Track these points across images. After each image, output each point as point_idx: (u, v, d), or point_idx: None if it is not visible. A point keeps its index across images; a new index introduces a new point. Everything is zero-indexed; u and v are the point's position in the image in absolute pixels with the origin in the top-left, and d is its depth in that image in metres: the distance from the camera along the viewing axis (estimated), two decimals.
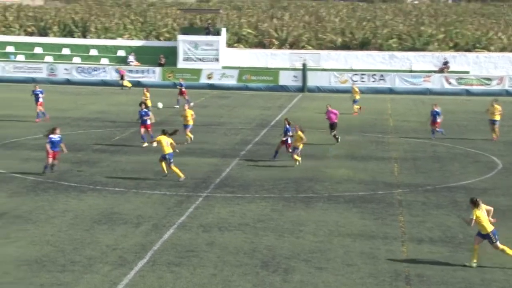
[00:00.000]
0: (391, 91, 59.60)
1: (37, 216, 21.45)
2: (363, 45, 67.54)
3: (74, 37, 70.86)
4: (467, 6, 77.78)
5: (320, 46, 67.77)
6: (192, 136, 34.65)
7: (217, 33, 64.84)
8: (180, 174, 26.35)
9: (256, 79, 61.55)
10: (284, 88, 60.58)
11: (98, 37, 70.95)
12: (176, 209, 22.61)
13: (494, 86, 58.89)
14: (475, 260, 17.76)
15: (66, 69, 62.82)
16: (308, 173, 28.41)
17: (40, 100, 40.75)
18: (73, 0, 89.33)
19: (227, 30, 67.88)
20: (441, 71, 61.23)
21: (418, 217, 22.39)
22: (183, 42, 63.83)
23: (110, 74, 62.14)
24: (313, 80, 60.39)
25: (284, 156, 30.81)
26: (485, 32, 68.16)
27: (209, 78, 61.84)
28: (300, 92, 59.63)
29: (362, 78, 60.45)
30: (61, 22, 73.54)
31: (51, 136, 26.84)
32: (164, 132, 26.89)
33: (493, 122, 36.99)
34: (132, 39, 70.31)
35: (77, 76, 62.43)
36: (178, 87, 50.86)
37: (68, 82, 61.97)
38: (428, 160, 31.52)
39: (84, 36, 71.34)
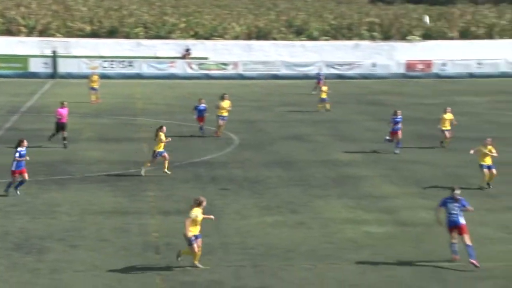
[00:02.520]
0: (139, 76, 61.53)
1: None
2: (112, 33, 68.61)
3: None
4: None
5: (70, 34, 67.75)
6: None
7: None
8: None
9: (5, 66, 60.34)
10: (35, 75, 59.97)
11: None
12: None
13: (230, 71, 63.36)
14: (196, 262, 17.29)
15: None
16: (62, 156, 29.18)
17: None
18: None
19: None
20: (183, 57, 64.40)
21: (167, 192, 24.13)
22: None
23: None
24: (64, 67, 60.57)
25: (38, 139, 31.14)
26: (221, 22, 72.36)
27: None
28: (51, 78, 59.35)
29: (112, 64, 61.82)
30: None
31: None
32: None
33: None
34: None
35: None
36: None
37: None
38: (174, 139, 33.29)
39: None
